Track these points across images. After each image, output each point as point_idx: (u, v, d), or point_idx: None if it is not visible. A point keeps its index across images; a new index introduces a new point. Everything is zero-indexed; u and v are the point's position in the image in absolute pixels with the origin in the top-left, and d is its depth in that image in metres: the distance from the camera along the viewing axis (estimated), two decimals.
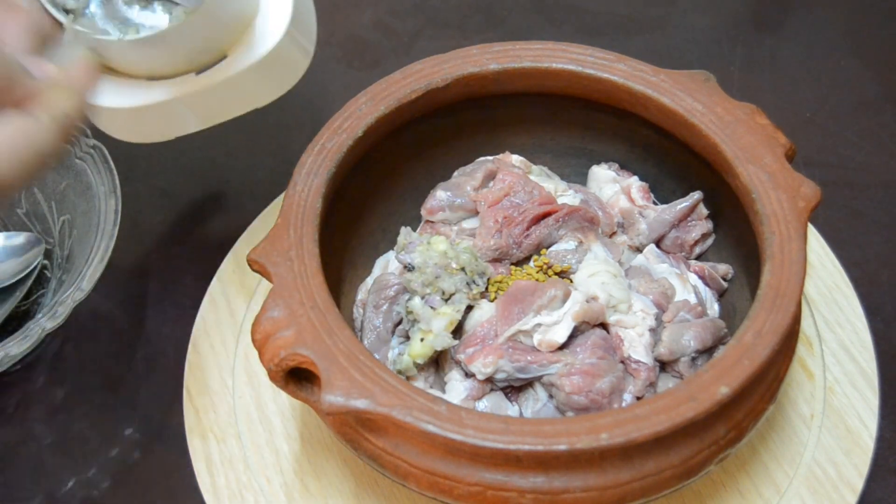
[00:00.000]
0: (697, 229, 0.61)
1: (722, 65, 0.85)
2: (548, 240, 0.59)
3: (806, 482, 0.56)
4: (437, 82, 0.58)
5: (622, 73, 0.58)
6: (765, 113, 0.56)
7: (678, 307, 0.56)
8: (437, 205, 0.60)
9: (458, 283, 0.54)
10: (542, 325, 0.52)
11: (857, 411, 0.59)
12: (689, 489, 0.56)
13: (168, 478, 0.60)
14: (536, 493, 0.44)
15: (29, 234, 0.67)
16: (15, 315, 0.66)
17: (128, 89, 0.57)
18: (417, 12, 0.92)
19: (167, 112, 0.58)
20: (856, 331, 0.63)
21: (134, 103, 0.57)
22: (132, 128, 0.61)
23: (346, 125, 0.56)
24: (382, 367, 0.46)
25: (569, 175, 0.66)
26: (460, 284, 0.54)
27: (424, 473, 0.46)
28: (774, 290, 0.48)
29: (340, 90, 0.84)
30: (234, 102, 0.60)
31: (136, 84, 0.57)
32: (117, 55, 0.55)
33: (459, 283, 0.54)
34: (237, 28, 0.57)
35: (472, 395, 0.53)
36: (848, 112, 0.80)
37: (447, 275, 0.54)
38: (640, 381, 0.53)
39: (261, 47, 0.57)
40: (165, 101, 0.57)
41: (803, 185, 0.52)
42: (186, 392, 0.62)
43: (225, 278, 0.67)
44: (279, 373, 0.47)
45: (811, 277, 0.65)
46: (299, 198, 0.53)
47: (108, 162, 0.64)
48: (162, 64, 0.56)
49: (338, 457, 0.58)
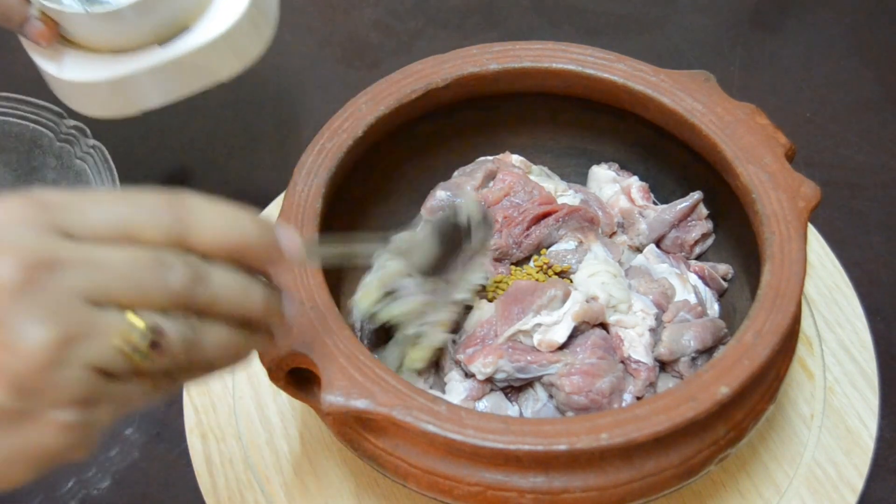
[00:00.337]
0: (697, 229, 0.61)
1: (722, 65, 0.85)
2: (548, 240, 0.59)
3: (806, 482, 0.56)
4: (437, 82, 0.58)
5: (622, 73, 0.58)
6: (765, 113, 0.56)
7: (678, 307, 0.56)
8: (438, 205, 0.60)
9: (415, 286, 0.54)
10: (541, 325, 0.52)
11: (857, 411, 0.59)
12: (689, 489, 0.56)
13: (168, 478, 0.60)
14: (536, 493, 0.44)
15: None
16: None
17: (91, 63, 0.57)
18: (417, 12, 0.92)
19: (131, 85, 0.58)
20: (856, 331, 0.63)
21: (98, 77, 0.57)
22: (96, 102, 0.61)
23: (346, 125, 0.56)
24: (382, 367, 0.46)
25: (569, 175, 0.66)
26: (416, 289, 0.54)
27: (424, 473, 0.46)
28: (774, 290, 0.48)
29: (340, 90, 0.84)
30: (196, 76, 0.61)
31: (100, 58, 0.57)
32: (82, 29, 0.55)
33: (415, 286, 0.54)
34: (199, 1, 0.58)
35: (472, 395, 0.53)
36: (848, 112, 0.80)
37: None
38: (640, 381, 0.53)
39: (223, 20, 0.58)
40: (129, 75, 0.57)
41: (803, 185, 0.52)
42: (186, 392, 0.62)
43: None
44: (279, 373, 0.47)
45: (811, 277, 0.65)
46: (299, 198, 0.53)
47: (108, 162, 0.64)
48: (125, 37, 0.56)
49: (338, 457, 0.58)
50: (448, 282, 0.53)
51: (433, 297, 0.52)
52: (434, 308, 0.53)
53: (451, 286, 0.53)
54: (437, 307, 0.53)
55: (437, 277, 0.52)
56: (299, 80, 0.86)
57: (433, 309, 0.53)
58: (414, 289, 0.52)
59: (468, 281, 0.54)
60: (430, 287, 0.52)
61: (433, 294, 0.52)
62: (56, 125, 0.67)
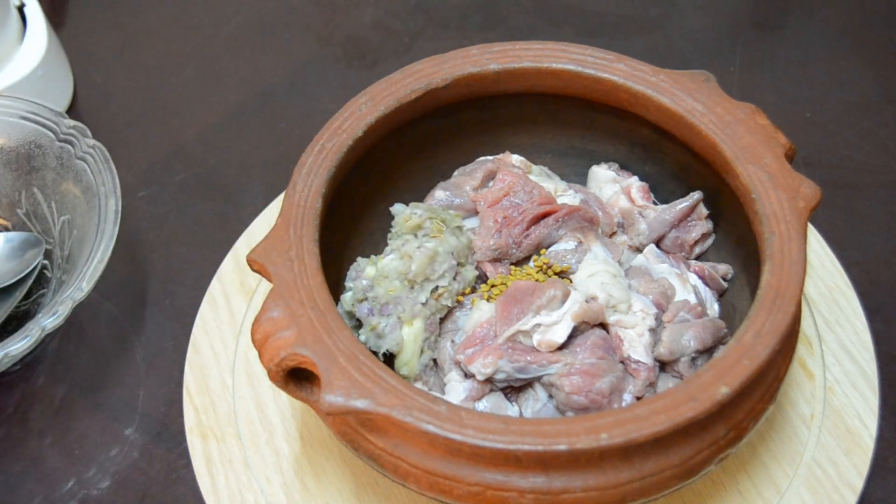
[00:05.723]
0: (697, 229, 0.61)
1: (722, 65, 0.85)
2: (547, 240, 0.59)
3: (806, 482, 0.56)
4: (437, 82, 0.58)
5: (622, 73, 0.58)
6: (765, 113, 0.56)
7: (678, 307, 0.56)
8: (437, 204, 0.60)
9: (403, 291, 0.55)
10: (541, 326, 0.52)
11: (857, 411, 0.59)
12: (689, 489, 0.56)
13: (168, 478, 0.60)
14: (536, 493, 0.44)
15: (29, 234, 0.67)
16: (15, 315, 0.66)
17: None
18: (417, 12, 0.92)
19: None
20: (856, 331, 0.63)
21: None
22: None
23: (346, 125, 0.56)
24: (383, 367, 0.46)
25: (569, 175, 0.66)
26: (404, 293, 0.55)
27: (424, 473, 0.46)
28: (774, 290, 0.48)
29: (340, 90, 0.84)
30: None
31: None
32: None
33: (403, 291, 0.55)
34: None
35: (471, 395, 0.53)
36: (848, 112, 0.80)
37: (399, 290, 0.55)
38: (639, 381, 0.53)
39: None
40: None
41: (803, 185, 0.52)
42: (186, 392, 0.62)
43: (225, 278, 0.67)
44: (279, 373, 0.47)
45: (811, 277, 0.65)
46: (299, 198, 0.53)
47: (109, 162, 0.64)
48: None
49: (338, 457, 0.58)
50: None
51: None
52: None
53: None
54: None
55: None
56: (299, 80, 0.86)
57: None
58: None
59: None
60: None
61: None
62: (56, 125, 0.67)
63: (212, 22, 0.92)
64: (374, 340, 0.54)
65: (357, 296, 0.55)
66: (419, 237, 0.56)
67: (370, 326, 0.54)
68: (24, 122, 0.68)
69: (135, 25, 0.91)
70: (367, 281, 0.55)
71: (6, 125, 0.68)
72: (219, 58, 0.88)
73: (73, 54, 0.86)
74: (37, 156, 0.67)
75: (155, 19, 0.92)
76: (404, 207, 0.59)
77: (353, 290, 0.55)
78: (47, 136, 0.67)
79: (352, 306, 0.55)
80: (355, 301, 0.55)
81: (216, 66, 0.87)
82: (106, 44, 0.89)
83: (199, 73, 0.86)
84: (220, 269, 0.68)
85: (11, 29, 0.77)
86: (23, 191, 0.68)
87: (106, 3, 0.94)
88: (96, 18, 0.92)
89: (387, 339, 0.54)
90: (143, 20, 0.92)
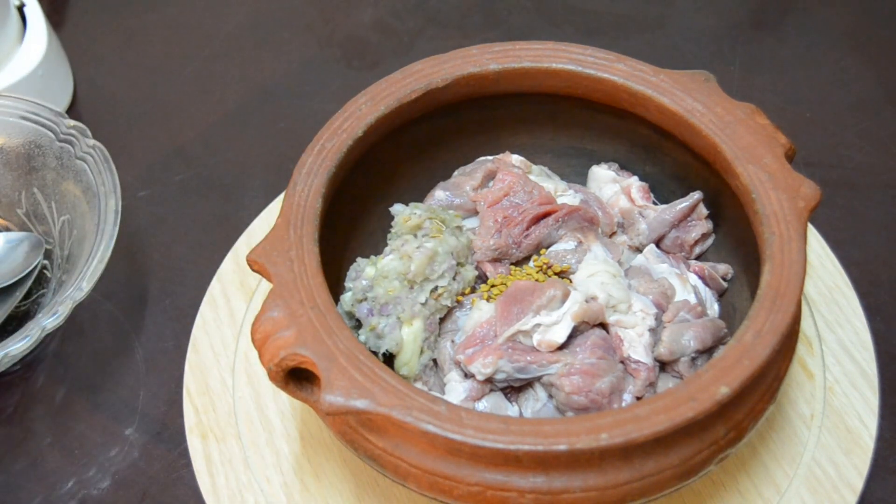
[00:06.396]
0: (697, 229, 0.61)
1: (722, 65, 0.85)
2: (547, 240, 0.59)
3: (806, 482, 0.56)
4: (437, 82, 0.58)
5: (622, 73, 0.58)
6: (765, 113, 0.56)
7: (678, 307, 0.56)
8: (437, 204, 0.60)
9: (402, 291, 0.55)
10: (541, 326, 0.52)
11: (857, 411, 0.59)
12: (689, 489, 0.56)
13: (168, 478, 0.60)
14: (536, 493, 0.44)
15: (29, 234, 0.67)
16: (15, 315, 0.66)
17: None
18: (417, 12, 0.92)
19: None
20: (856, 331, 0.63)
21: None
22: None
23: (346, 125, 0.56)
24: (383, 367, 0.46)
25: (569, 175, 0.66)
26: (403, 293, 0.55)
27: (424, 473, 0.46)
28: (774, 290, 0.48)
29: (340, 90, 0.84)
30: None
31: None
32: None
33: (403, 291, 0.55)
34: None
35: (471, 395, 0.53)
36: (848, 112, 0.80)
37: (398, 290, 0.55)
38: (639, 381, 0.53)
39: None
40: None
41: (803, 185, 0.52)
42: (186, 392, 0.62)
43: (225, 278, 0.67)
44: (279, 373, 0.47)
45: (811, 277, 0.65)
46: (299, 198, 0.53)
47: (109, 162, 0.64)
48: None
49: (338, 457, 0.58)
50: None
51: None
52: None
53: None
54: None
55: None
56: (299, 80, 0.86)
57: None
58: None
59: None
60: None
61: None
62: (56, 125, 0.67)
63: (212, 22, 0.92)
64: (373, 340, 0.54)
65: (357, 296, 0.55)
66: (419, 237, 0.56)
67: (370, 326, 0.54)
68: (24, 122, 0.68)
69: (135, 26, 0.91)
70: (366, 281, 0.55)
71: (6, 125, 0.68)
72: (219, 58, 0.88)
73: (73, 54, 0.86)
74: (37, 156, 0.67)
75: (155, 19, 0.92)
76: (404, 207, 0.59)
77: (353, 290, 0.55)
78: (47, 136, 0.67)
79: (351, 306, 0.55)
80: (355, 301, 0.55)
81: (216, 66, 0.87)
82: (106, 44, 0.90)
83: (199, 73, 0.86)
84: (220, 269, 0.68)
85: (11, 29, 0.77)
86: (23, 191, 0.68)
87: (106, 3, 0.94)
88: (96, 18, 0.92)
89: (386, 340, 0.54)
90: (143, 20, 0.92)
